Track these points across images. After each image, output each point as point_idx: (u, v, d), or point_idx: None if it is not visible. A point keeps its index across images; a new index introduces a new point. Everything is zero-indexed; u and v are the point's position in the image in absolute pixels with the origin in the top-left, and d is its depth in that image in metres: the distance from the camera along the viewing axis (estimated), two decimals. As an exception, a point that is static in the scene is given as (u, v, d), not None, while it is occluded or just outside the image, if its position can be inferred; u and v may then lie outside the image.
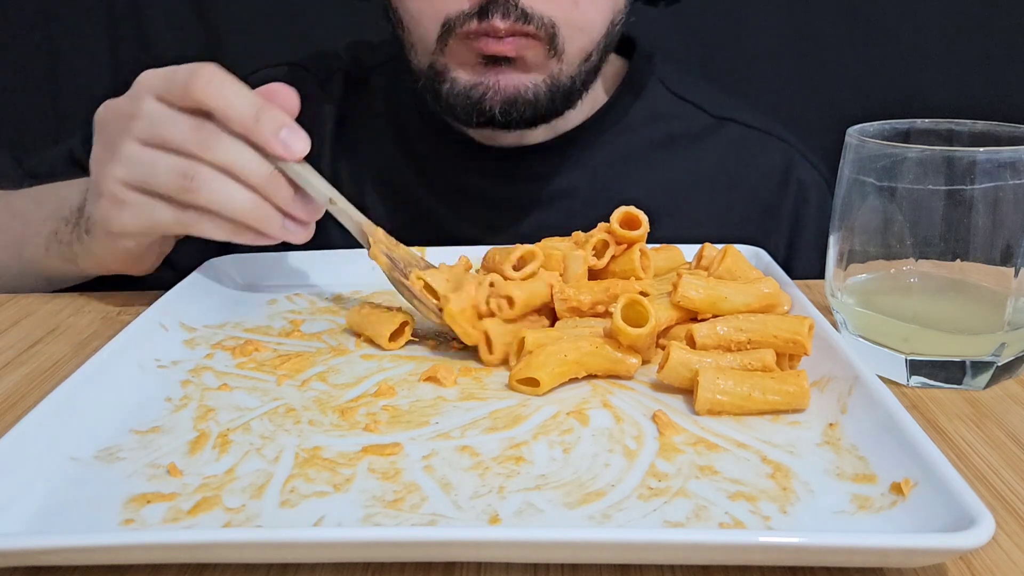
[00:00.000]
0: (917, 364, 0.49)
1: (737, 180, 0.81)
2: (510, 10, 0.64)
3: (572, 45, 0.68)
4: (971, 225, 0.46)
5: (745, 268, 0.54)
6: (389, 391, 0.48)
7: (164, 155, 0.54)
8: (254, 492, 0.39)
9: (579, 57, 0.69)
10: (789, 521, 0.36)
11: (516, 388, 0.47)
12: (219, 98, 0.53)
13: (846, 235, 0.51)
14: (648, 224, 0.55)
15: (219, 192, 0.54)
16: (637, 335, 0.47)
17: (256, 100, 0.54)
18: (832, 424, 0.43)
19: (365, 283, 0.65)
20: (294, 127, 0.54)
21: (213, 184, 0.54)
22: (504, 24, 0.64)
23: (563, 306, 0.52)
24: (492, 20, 0.64)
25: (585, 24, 0.68)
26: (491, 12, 0.64)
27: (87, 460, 0.41)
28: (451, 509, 0.37)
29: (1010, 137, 0.49)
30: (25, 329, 0.60)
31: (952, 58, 1.21)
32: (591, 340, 0.48)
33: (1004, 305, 0.47)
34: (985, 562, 0.35)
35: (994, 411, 0.46)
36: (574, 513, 0.37)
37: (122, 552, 0.34)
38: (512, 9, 0.64)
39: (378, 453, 0.41)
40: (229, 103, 0.53)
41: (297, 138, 0.54)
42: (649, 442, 0.42)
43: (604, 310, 0.52)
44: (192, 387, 0.49)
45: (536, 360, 0.47)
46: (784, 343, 0.47)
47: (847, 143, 0.50)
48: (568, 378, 0.48)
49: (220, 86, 0.53)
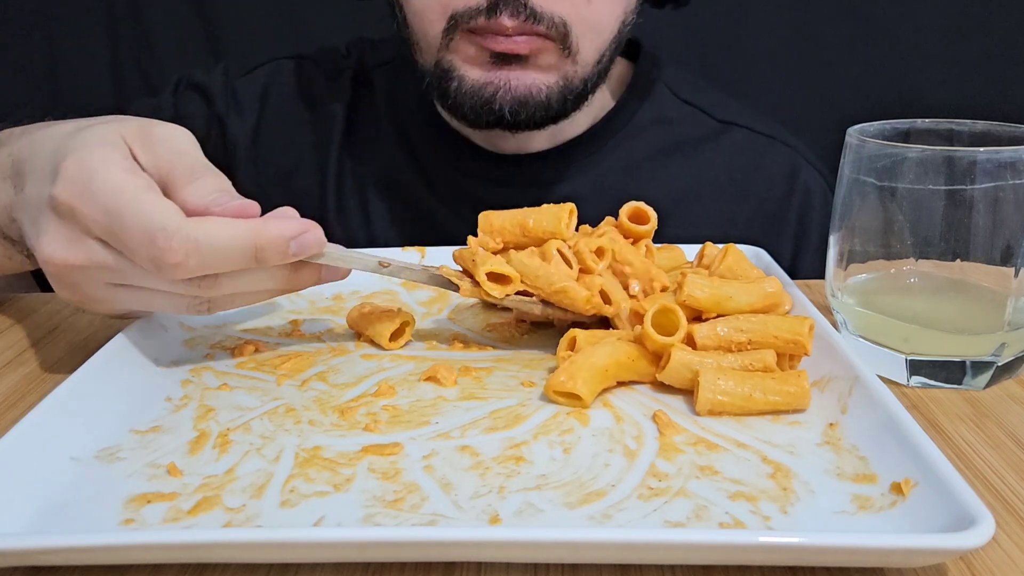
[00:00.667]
0: (917, 364, 0.49)
1: (742, 186, 0.81)
2: (519, 9, 0.63)
3: (586, 45, 0.67)
4: (971, 225, 0.46)
5: (746, 267, 0.54)
6: (389, 391, 0.48)
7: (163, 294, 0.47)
8: (254, 492, 0.39)
9: (593, 58, 0.69)
10: (789, 521, 0.36)
11: (554, 399, 0.46)
12: (209, 266, 0.44)
13: (846, 235, 0.51)
14: (656, 220, 0.55)
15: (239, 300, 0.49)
16: (666, 343, 0.46)
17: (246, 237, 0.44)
18: (832, 424, 0.43)
19: (365, 283, 0.65)
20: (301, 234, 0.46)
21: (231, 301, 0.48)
22: (512, 23, 0.64)
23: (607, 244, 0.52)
24: (500, 18, 0.64)
25: (598, 23, 0.67)
26: (500, 9, 0.63)
27: (87, 460, 0.41)
28: (451, 509, 0.37)
29: (1010, 137, 0.49)
30: (25, 329, 0.60)
31: (952, 58, 1.21)
32: (627, 351, 0.47)
33: (1004, 305, 0.47)
34: (985, 562, 0.35)
35: (994, 411, 0.46)
36: (574, 513, 0.37)
37: (122, 552, 0.34)
38: (521, 8, 0.63)
39: (378, 453, 0.41)
40: (222, 262, 0.44)
41: (310, 242, 0.46)
42: (649, 442, 0.42)
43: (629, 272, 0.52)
44: (192, 387, 0.49)
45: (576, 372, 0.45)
46: (784, 344, 0.47)
47: (847, 143, 0.50)
48: (604, 388, 0.47)
49: (201, 254, 0.43)
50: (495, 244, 0.52)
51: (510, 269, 0.50)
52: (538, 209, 0.52)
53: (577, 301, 0.50)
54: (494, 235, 0.52)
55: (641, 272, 0.53)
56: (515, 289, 0.50)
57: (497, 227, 0.52)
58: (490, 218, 0.52)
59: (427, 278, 0.52)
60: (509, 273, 0.50)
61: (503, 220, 0.52)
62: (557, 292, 0.50)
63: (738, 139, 0.82)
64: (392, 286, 0.65)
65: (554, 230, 0.51)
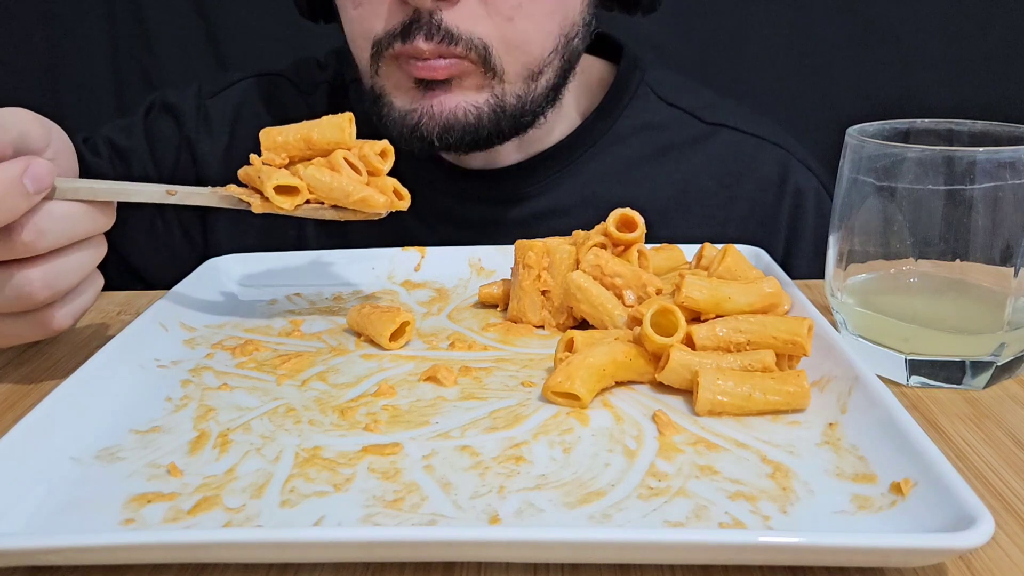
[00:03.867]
0: (917, 364, 0.49)
1: (732, 189, 0.79)
2: (433, 31, 0.61)
3: (512, 64, 0.65)
4: (971, 225, 0.46)
5: (745, 268, 0.54)
6: (389, 391, 0.48)
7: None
8: (254, 492, 0.39)
9: (522, 75, 0.66)
10: (789, 521, 0.36)
11: (553, 400, 0.46)
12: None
13: (846, 235, 0.51)
14: (644, 226, 0.55)
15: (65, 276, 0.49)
16: (665, 344, 0.46)
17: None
18: (832, 424, 0.43)
19: (365, 283, 0.65)
20: (28, 168, 0.46)
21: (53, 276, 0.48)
22: (428, 46, 0.62)
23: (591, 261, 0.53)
24: (416, 42, 0.62)
25: (523, 43, 0.65)
26: (414, 33, 0.62)
27: (87, 460, 0.41)
28: (451, 509, 0.37)
29: (1010, 137, 0.49)
30: (25, 329, 0.60)
31: (952, 58, 1.21)
32: (624, 351, 0.47)
33: (1004, 305, 0.47)
34: (985, 562, 0.35)
35: (994, 411, 0.46)
36: (574, 513, 0.37)
37: (122, 552, 0.34)
38: (435, 30, 0.61)
39: (378, 453, 0.41)
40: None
41: (40, 172, 0.46)
42: (649, 442, 0.42)
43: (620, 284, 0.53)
44: (192, 387, 0.49)
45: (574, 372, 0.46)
46: (783, 344, 0.47)
47: (847, 143, 0.50)
48: (602, 388, 0.47)
49: None
50: (280, 160, 0.53)
51: (297, 180, 0.51)
52: (319, 121, 0.53)
53: (378, 206, 0.52)
54: (278, 151, 0.53)
55: (632, 281, 0.53)
56: (303, 199, 0.52)
57: (281, 143, 0.52)
58: (272, 134, 0.53)
59: (217, 200, 0.52)
60: (297, 184, 0.51)
61: (286, 136, 0.52)
62: (358, 202, 0.52)
63: (727, 141, 0.80)
64: (392, 286, 0.65)
65: (338, 140, 0.52)
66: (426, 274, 0.66)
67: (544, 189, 0.77)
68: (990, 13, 1.20)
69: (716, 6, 1.21)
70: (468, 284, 0.64)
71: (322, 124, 0.53)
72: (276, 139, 0.52)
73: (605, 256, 0.54)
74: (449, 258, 0.66)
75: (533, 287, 0.56)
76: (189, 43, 1.26)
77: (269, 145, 0.52)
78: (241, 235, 0.80)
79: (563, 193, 0.77)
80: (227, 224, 0.81)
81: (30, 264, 0.47)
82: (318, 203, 0.52)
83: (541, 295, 0.56)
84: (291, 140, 0.52)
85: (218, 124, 0.82)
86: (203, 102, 0.83)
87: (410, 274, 0.66)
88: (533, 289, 0.56)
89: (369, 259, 0.66)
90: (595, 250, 0.54)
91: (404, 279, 0.65)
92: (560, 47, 0.68)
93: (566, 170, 0.77)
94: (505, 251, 0.65)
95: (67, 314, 0.51)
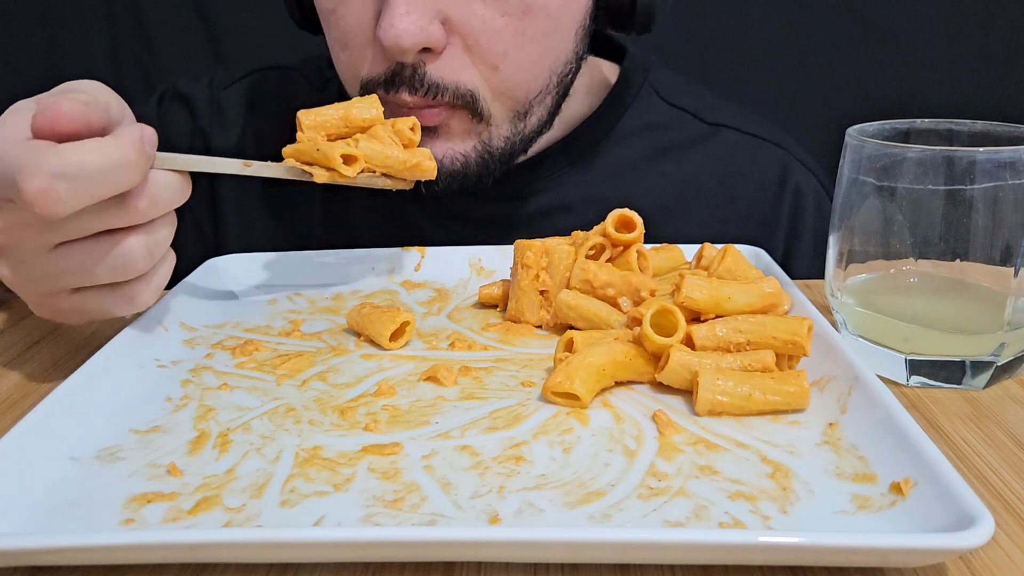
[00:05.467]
0: (917, 364, 0.49)
1: (733, 189, 0.79)
2: (416, 85, 0.60)
3: (499, 109, 0.64)
4: (971, 225, 0.46)
5: (745, 268, 0.54)
6: (389, 391, 0.48)
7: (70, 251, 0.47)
8: (254, 492, 0.39)
9: (509, 117, 0.66)
10: (789, 521, 0.36)
11: (553, 400, 0.46)
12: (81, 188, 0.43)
13: (846, 235, 0.51)
14: (643, 226, 0.55)
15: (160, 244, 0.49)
16: (665, 344, 0.46)
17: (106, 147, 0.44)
18: (832, 424, 0.43)
19: (365, 283, 0.65)
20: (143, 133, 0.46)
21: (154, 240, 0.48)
22: (412, 99, 0.61)
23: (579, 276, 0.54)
24: (400, 94, 0.61)
25: (510, 88, 0.64)
26: (398, 85, 0.61)
27: (87, 460, 0.41)
28: (451, 509, 0.37)
29: (1010, 137, 0.49)
30: (25, 329, 0.60)
31: (952, 58, 1.21)
32: (624, 351, 0.47)
33: (1004, 305, 0.47)
34: (985, 562, 0.35)
35: (994, 411, 0.46)
36: (574, 513, 0.37)
37: (122, 552, 0.34)
38: (419, 84, 0.60)
39: (378, 453, 0.41)
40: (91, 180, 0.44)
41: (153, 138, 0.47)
42: (649, 442, 0.42)
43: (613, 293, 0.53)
44: (192, 387, 0.49)
45: (574, 372, 0.46)
46: (783, 344, 0.47)
47: (847, 143, 0.50)
48: (602, 388, 0.47)
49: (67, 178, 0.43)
50: (322, 138, 0.55)
51: (355, 150, 0.54)
52: (352, 102, 0.56)
53: (430, 170, 0.57)
54: (317, 130, 0.55)
55: (624, 287, 0.53)
56: (360, 168, 0.55)
57: (320, 122, 0.55)
58: (311, 115, 0.55)
59: (283, 171, 0.55)
60: (357, 154, 0.54)
61: (323, 117, 0.55)
62: (412, 168, 0.57)
63: (728, 141, 0.80)
64: (392, 286, 0.65)
65: (374, 117, 0.56)
66: (426, 274, 0.66)
67: (550, 185, 0.77)
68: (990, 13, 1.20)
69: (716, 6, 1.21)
70: (468, 284, 0.64)
71: (356, 103, 0.56)
72: (315, 119, 0.55)
73: (593, 268, 0.54)
74: (449, 258, 0.66)
75: (531, 287, 0.56)
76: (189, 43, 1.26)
77: (310, 124, 0.55)
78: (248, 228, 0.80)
79: (568, 190, 0.78)
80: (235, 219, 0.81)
81: (133, 232, 0.47)
82: (370, 172, 0.56)
83: (539, 295, 0.56)
84: (329, 119, 0.55)
85: (232, 116, 0.83)
86: (216, 93, 0.84)
87: (410, 274, 0.66)
88: (531, 289, 0.56)
89: (369, 259, 0.66)
90: (581, 264, 0.54)
91: (404, 279, 0.65)
92: (552, 86, 0.67)
93: (571, 167, 0.78)
94: (505, 251, 0.65)
95: (154, 289, 0.50)
